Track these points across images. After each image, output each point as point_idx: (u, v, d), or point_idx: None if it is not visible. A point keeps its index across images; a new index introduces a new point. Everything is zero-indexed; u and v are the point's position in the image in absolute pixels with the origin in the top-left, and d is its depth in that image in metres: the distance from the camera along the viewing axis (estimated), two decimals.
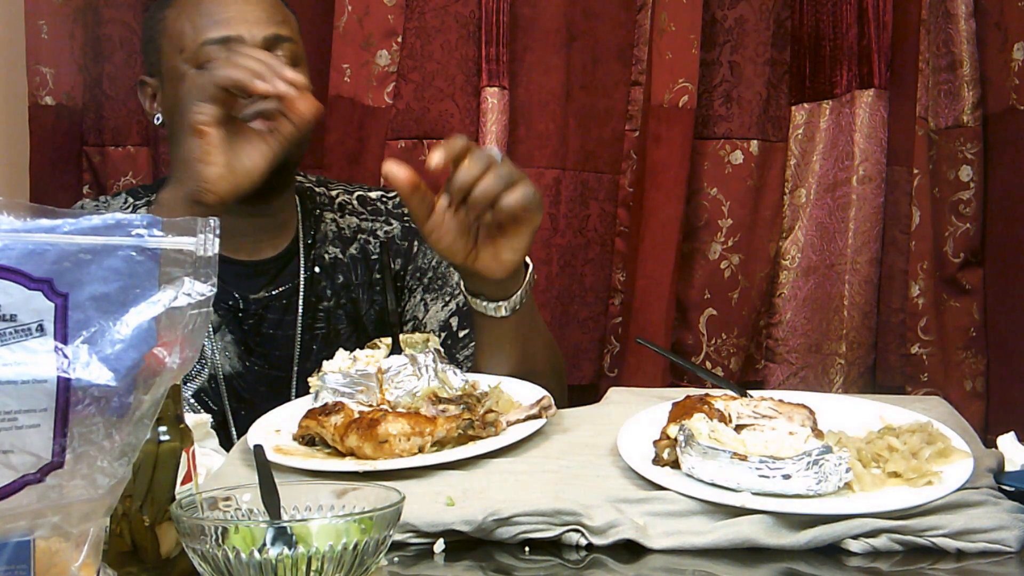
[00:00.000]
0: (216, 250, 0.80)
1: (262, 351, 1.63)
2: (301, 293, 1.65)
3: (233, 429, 1.59)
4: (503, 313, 1.42)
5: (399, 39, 2.15)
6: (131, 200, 1.70)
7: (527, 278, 1.44)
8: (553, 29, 2.19)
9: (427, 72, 2.16)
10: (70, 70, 2.13)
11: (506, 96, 2.15)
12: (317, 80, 2.18)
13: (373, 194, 1.75)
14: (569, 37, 2.21)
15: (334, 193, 1.74)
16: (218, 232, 0.80)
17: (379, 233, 1.70)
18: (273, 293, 1.64)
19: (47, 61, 2.12)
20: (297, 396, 1.60)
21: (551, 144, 2.22)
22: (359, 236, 1.70)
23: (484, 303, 1.43)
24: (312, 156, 2.20)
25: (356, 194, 1.74)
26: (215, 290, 0.80)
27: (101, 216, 0.77)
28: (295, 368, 1.63)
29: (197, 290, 0.79)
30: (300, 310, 1.65)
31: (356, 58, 2.15)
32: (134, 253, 0.77)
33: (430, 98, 2.17)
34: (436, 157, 1.28)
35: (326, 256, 1.68)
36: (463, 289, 1.46)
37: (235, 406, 1.60)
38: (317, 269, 1.67)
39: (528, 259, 1.45)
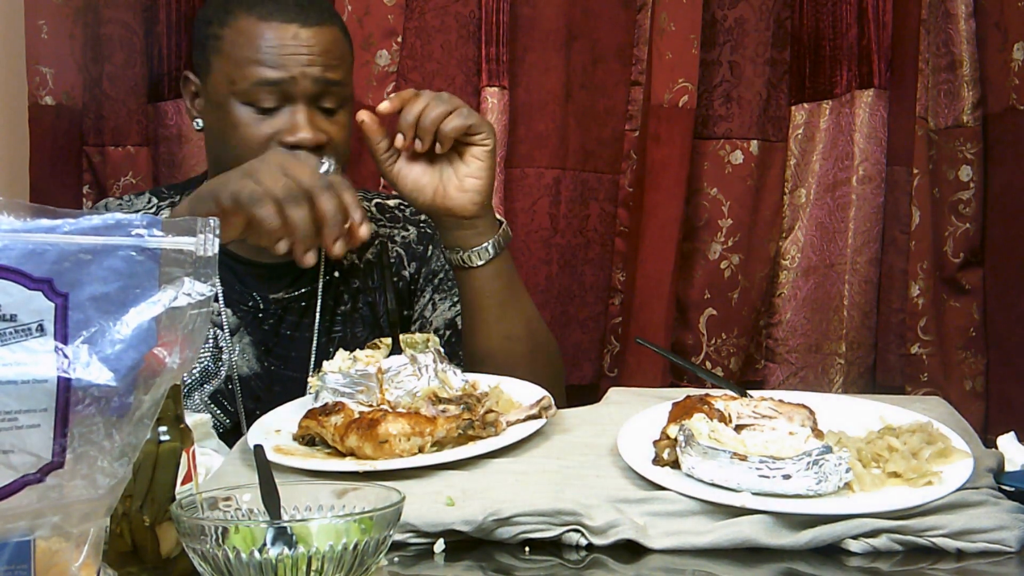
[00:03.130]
0: (216, 250, 0.80)
1: (280, 352, 1.63)
2: (320, 296, 1.66)
3: (246, 430, 1.58)
4: (479, 261, 1.52)
5: (399, 39, 2.15)
6: (155, 200, 1.70)
7: (501, 229, 1.55)
8: (553, 29, 2.19)
9: (427, 72, 2.16)
10: (70, 70, 2.13)
11: (506, 96, 2.15)
12: None
13: (391, 202, 1.76)
14: (569, 37, 2.21)
15: None
16: (218, 232, 0.80)
17: (396, 239, 1.72)
18: (293, 295, 1.65)
19: (47, 61, 2.11)
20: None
21: (551, 144, 2.22)
22: (376, 241, 1.71)
23: (461, 253, 1.52)
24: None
25: (375, 201, 1.75)
26: (215, 290, 0.80)
27: (101, 216, 0.77)
28: (312, 370, 1.63)
29: (197, 290, 0.79)
30: (318, 312, 1.65)
31: (356, 58, 2.14)
32: (134, 253, 0.77)
33: None
34: (386, 104, 1.46)
35: (344, 261, 1.68)
36: (442, 249, 1.55)
37: (250, 407, 1.60)
38: (336, 273, 1.68)
39: (502, 219, 1.57)
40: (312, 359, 1.64)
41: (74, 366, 0.74)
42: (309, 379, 1.30)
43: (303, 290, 1.66)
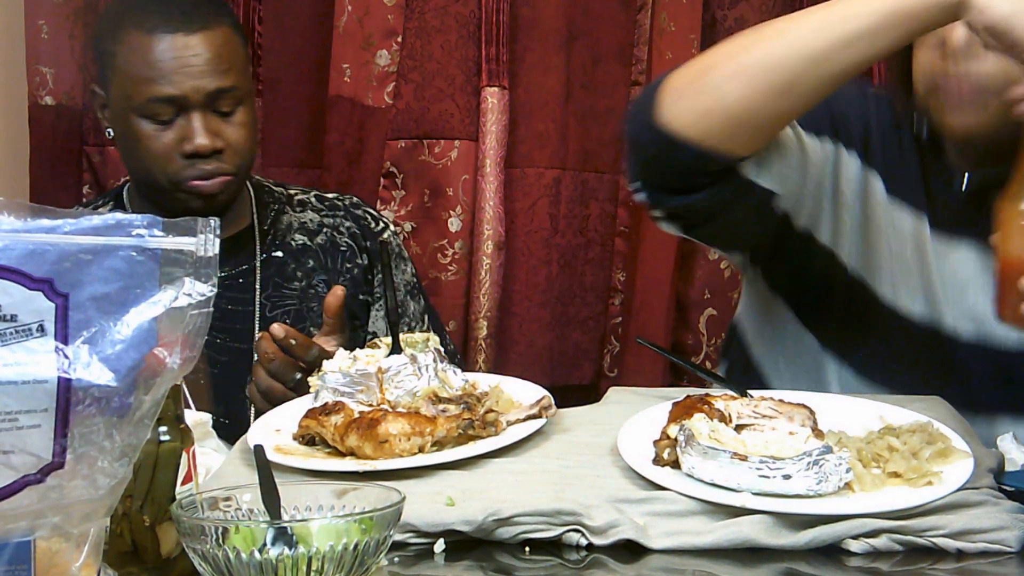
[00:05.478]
0: (216, 250, 0.80)
1: (223, 325, 1.67)
2: (258, 273, 1.73)
3: (190, 401, 1.62)
4: None
5: (399, 39, 2.15)
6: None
7: None
8: (553, 29, 2.19)
9: (427, 72, 2.16)
10: (70, 70, 2.13)
11: (506, 96, 2.15)
12: (317, 80, 2.18)
13: (329, 195, 1.85)
14: (569, 37, 2.21)
15: (292, 192, 1.83)
16: (219, 232, 0.81)
17: (342, 229, 1.79)
18: (230, 272, 1.71)
19: (47, 61, 2.12)
20: None
21: (551, 144, 2.21)
22: (324, 229, 1.79)
23: None
24: (312, 156, 2.21)
25: (313, 193, 1.84)
26: (215, 290, 0.80)
27: (101, 216, 0.77)
28: (255, 338, 1.69)
29: (197, 290, 0.79)
30: (258, 287, 1.72)
31: (356, 58, 2.15)
32: (134, 253, 0.77)
33: (430, 98, 2.17)
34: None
35: (292, 243, 1.76)
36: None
37: (192, 378, 1.62)
38: (280, 253, 1.75)
39: None
40: (256, 329, 1.69)
41: (74, 366, 0.74)
42: (309, 379, 1.30)
43: (242, 268, 1.72)
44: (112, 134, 1.67)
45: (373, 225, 1.80)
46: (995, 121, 1.27)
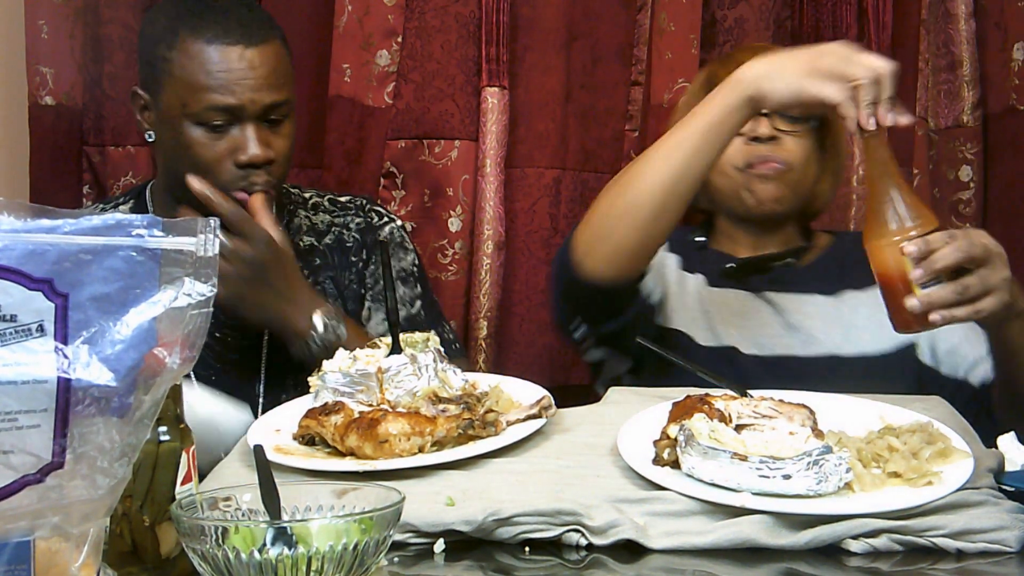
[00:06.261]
0: (216, 250, 0.80)
1: (234, 323, 1.67)
2: None
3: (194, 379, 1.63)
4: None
5: (399, 39, 2.15)
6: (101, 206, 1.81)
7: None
8: (553, 29, 2.19)
9: (427, 72, 2.16)
10: (70, 70, 2.13)
11: (506, 96, 2.14)
12: (317, 80, 2.18)
13: (342, 198, 1.87)
14: (569, 37, 2.20)
15: (307, 195, 1.86)
16: (218, 232, 0.81)
17: (351, 226, 1.82)
18: None
19: (47, 61, 2.11)
20: (268, 361, 1.70)
21: (551, 144, 2.21)
22: (333, 228, 1.82)
23: None
24: (312, 156, 2.21)
25: (327, 196, 1.87)
26: (215, 290, 0.80)
27: (101, 216, 0.77)
28: (266, 336, 1.70)
29: (197, 290, 0.79)
30: None
31: (356, 58, 2.14)
32: (134, 253, 0.77)
33: (430, 98, 2.16)
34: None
35: (301, 244, 1.78)
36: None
37: (203, 374, 1.62)
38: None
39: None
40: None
41: (74, 366, 0.74)
42: (309, 379, 1.31)
43: None
44: (153, 137, 1.69)
45: (376, 220, 1.83)
46: (791, 194, 1.69)
